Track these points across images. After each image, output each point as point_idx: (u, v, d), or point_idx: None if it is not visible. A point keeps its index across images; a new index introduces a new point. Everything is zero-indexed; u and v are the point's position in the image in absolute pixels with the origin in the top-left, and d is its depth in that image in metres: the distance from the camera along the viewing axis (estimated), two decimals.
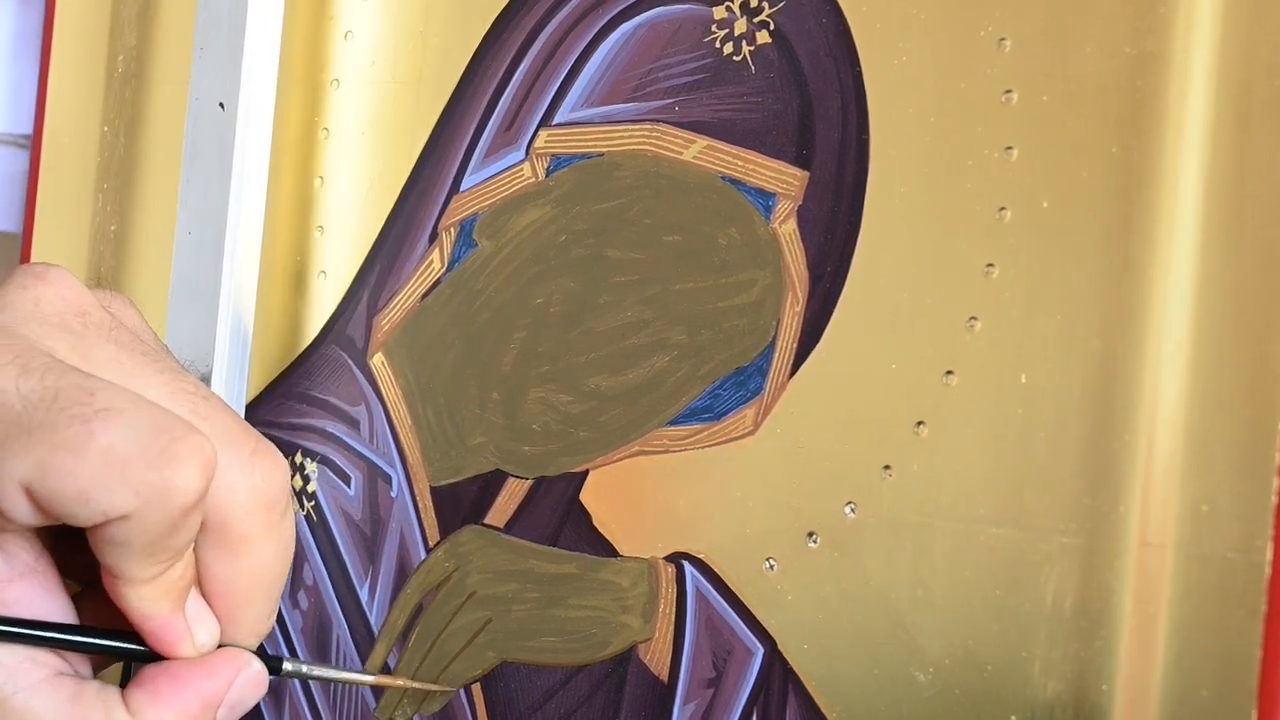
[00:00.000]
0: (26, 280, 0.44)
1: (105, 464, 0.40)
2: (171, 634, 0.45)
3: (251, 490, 0.44)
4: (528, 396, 0.55)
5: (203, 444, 0.41)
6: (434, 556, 0.58)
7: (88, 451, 0.40)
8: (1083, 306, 0.44)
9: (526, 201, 0.57)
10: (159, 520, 0.41)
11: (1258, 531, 0.41)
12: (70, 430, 0.40)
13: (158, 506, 0.41)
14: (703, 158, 0.52)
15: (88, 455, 0.40)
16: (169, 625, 0.44)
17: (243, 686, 0.46)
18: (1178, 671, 0.42)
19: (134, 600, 0.43)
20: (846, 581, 0.48)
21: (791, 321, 0.50)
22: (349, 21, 0.62)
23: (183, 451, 0.41)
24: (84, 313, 0.44)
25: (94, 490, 0.40)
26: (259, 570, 0.45)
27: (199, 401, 0.44)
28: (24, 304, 0.44)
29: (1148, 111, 0.44)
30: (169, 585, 0.44)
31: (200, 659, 0.45)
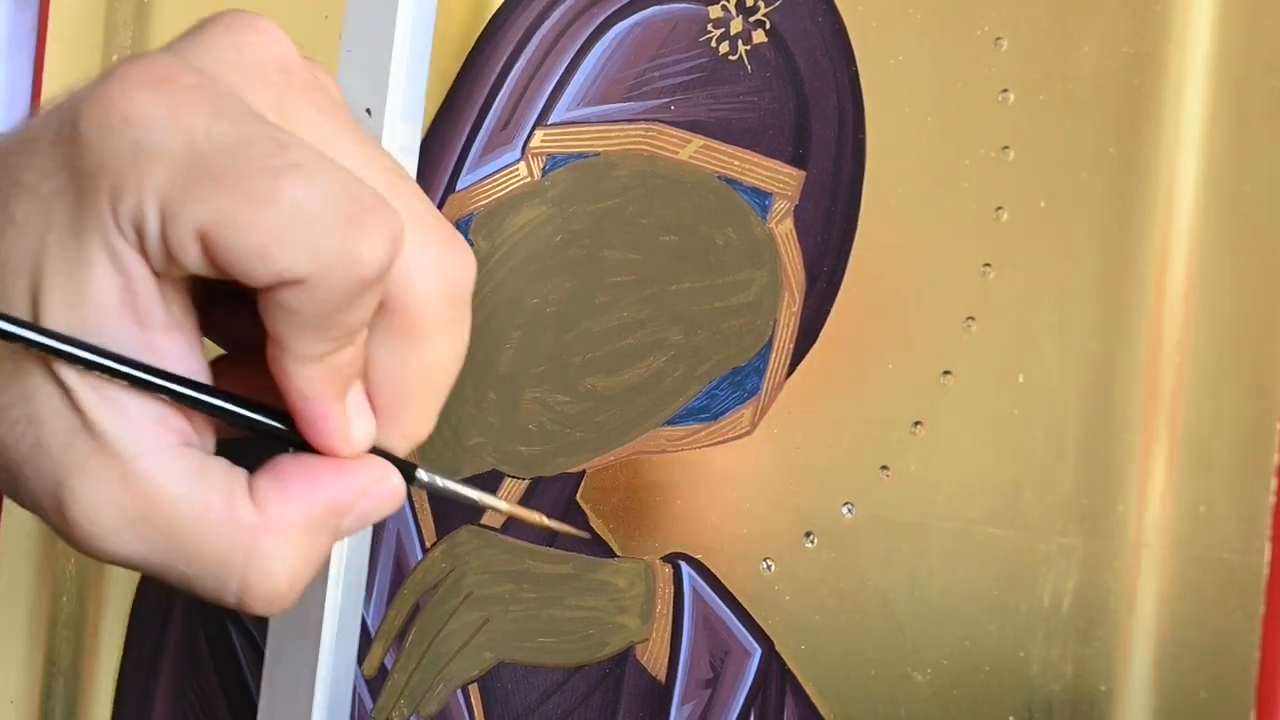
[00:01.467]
0: (233, 25, 0.41)
1: (289, 221, 0.38)
2: (329, 422, 0.42)
3: (441, 279, 0.41)
4: (524, 397, 0.55)
5: (392, 217, 0.39)
6: (431, 557, 0.57)
7: (273, 205, 0.37)
8: (1080, 306, 0.44)
9: (522, 201, 0.57)
10: (336, 289, 0.38)
11: (1256, 532, 0.41)
12: (258, 182, 0.38)
13: (337, 274, 0.38)
14: (699, 157, 0.52)
15: (272, 209, 0.37)
16: (328, 413, 0.42)
17: (376, 498, 0.43)
18: (1176, 672, 0.42)
19: (297, 378, 0.41)
20: (844, 582, 0.48)
21: (788, 321, 0.50)
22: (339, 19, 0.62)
23: (371, 221, 0.38)
24: (288, 69, 0.42)
25: (273, 247, 0.38)
26: (432, 367, 0.42)
27: (396, 179, 0.42)
28: (227, 50, 0.41)
29: (1145, 111, 0.44)
30: (336, 369, 0.41)
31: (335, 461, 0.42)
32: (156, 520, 0.41)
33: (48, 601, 0.71)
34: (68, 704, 0.70)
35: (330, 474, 0.42)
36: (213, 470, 0.41)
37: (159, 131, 0.38)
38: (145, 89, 0.39)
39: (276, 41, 0.42)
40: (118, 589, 0.68)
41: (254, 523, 0.41)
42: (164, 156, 0.38)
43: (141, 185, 0.38)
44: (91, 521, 0.41)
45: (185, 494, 0.41)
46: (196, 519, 0.41)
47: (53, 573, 0.70)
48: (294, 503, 0.42)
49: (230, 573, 0.41)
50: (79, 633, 0.70)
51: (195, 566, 0.41)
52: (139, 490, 0.41)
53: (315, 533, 0.42)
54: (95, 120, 0.39)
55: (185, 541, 0.41)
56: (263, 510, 0.41)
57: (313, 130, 0.41)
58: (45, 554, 0.71)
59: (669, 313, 0.52)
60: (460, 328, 0.43)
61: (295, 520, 0.42)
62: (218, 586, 0.42)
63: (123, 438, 0.40)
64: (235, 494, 0.41)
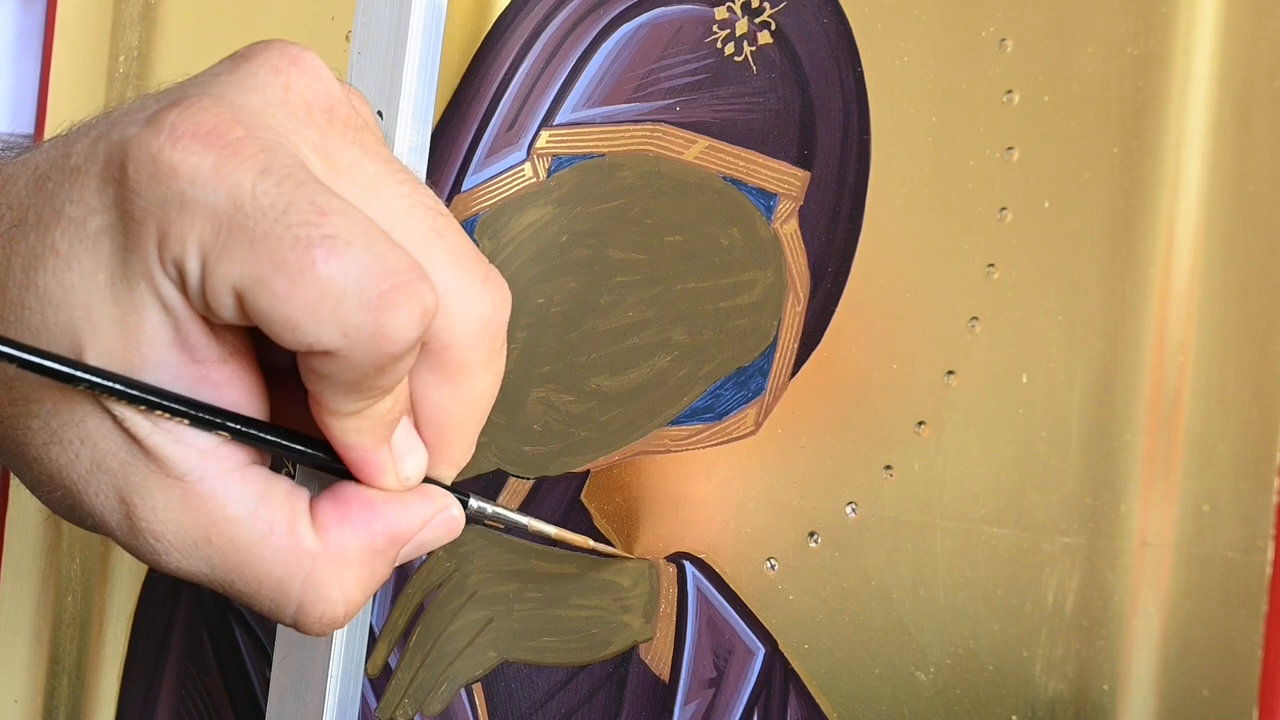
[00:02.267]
0: (280, 63, 0.42)
1: (319, 296, 0.38)
2: (374, 466, 0.42)
3: (480, 318, 0.42)
4: (529, 396, 0.56)
5: (425, 292, 0.39)
6: (435, 556, 0.58)
7: (305, 279, 0.38)
8: (1084, 306, 0.44)
9: (528, 202, 0.57)
10: (365, 363, 0.39)
11: (1259, 531, 0.41)
12: (293, 253, 0.38)
13: (365, 350, 0.39)
14: (704, 158, 0.52)
15: (303, 283, 0.38)
16: (371, 456, 0.42)
17: (436, 529, 0.44)
18: (1179, 671, 0.42)
19: (336, 430, 0.41)
20: (848, 581, 0.48)
21: (793, 322, 0.50)
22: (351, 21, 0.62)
23: (401, 299, 0.38)
24: (331, 109, 0.42)
25: (302, 321, 0.38)
26: (475, 400, 0.43)
27: (437, 218, 0.42)
28: (274, 89, 0.41)
29: (1149, 112, 0.44)
30: (374, 420, 0.41)
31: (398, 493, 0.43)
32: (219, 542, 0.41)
33: (52, 601, 0.71)
34: (72, 703, 0.70)
35: (390, 505, 0.43)
36: (276, 492, 0.42)
37: (205, 186, 0.39)
38: (195, 140, 0.39)
39: (320, 78, 0.42)
40: (122, 589, 0.69)
41: (315, 550, 0.42)
42: (208, 211, 0.39)
43: (185, 236, 0.39)
44: (157, 538, 0.41)
45: (248, 517, 0.41)
46: (259, 542, 0.41)
47: (57, 572, 0.70)
48: (355, 532, 0.42)
49: (289, 597, 0.42)
50: (83, 632, 0.70)
51: (254, 588, 0.42)
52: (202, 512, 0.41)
53: (374, 561, 0.43)
54: (144, 167, 0.39)
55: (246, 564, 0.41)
56: (324, 537, 0.42)
57: (355, 174, 0.41)
58: (50, 554, 0.71)
59: (674, 313, 0.52)
60: (499, 359, 0.43)
61: (355, 549, 0.42)
62: (275, 608, 0.42)
63: (183, 462, 0.41)
64: (297, 518, 0.42)
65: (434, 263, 0.41)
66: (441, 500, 0.44)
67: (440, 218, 0.42)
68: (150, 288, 0.40)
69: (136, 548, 0.42)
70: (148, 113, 0.40)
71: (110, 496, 0.41)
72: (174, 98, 0.40)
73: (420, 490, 0.44)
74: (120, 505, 0.41)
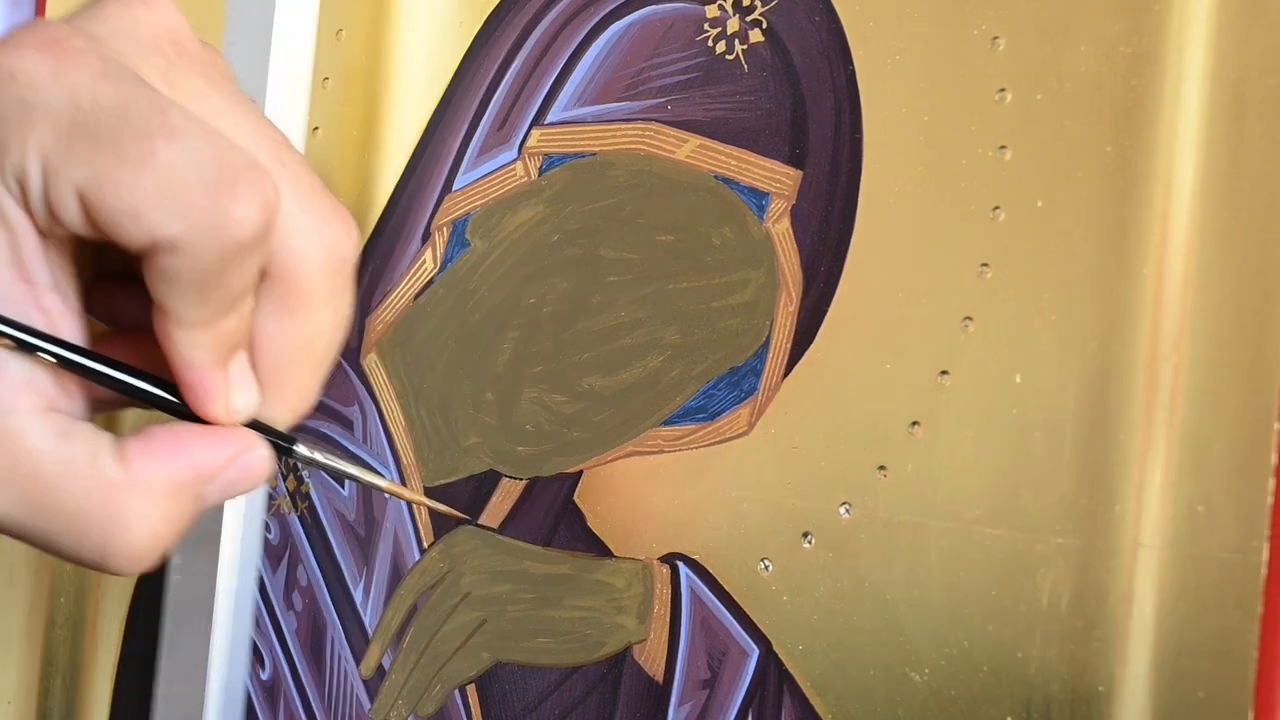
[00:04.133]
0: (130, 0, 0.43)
1: (161, 183, 0.38)
2: (210, 389, 0.43)
3: (323, 247, 0.42)
4: (521, 397, 0.55)
5: (265, 182, 0.39)
6: (428, 557, 0.57)
7: (146, 166, 0.38)
8: (1078, 306, 0.44)
9: (519, 201, 0.56)
10: (210, 253, 0.39)
11: (1254, 532, 0.41)
12: (133, 143, 0.38)
13: (209, 237, 0.39)
14: (696, 157, 0.52)
15: (145, 171, 0.38)
16: (208, 378, 0.42)
17: (241, 468, 0.43)
18: (1174, 672, 0.42)
19: (180, 343, 0.41)
20: (842, 582, 0.48)
21: (785, 321, 0.50)
22: (340, 19, 0.62)
23: (243, 185, 0.39)
24: (179, 42, 0.43)
25: (145, 209, 0.38)
26: (313, 334, 0.43)
27: (283, 150, 0.42)
28: (121, 21, 0.42)
29: (1142, 111, 0.44)
30: (219, 335, 0.42)
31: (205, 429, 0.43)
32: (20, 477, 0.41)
33: (45, 601, 0.71)
34: (65, 703, 0.70)
35: (198, 440, 0.43)
36: (79, 431, 0.42)
37: (44, 90, 0.39)
38: (35, 49, 0.39)
39: (168, 14, 0.43)
40: (115, 590, 0.68)
41: (116, 479, 0.42)
42: (48, 115, 0.39)
43: (25, 141, 0.39)
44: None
45: (49, 450, 0.41)
46: (59, 474, 0.41)
47: (50, 573, 0.70)
48: (159, 464, 0.42)
49: (91, 527, 0.42)
50: (76, 633, 0.70)
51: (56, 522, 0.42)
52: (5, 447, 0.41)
53: (178, 496, 0.42)
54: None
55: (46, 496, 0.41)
56: (127, 469, 0.42)
57: (201, 101, 0.42)
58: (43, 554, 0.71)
59: (666, 312, 0.52)
60: (342, 297, 0.43)
61: (158, 480, 0.42)
62: (75, 543, 0.42)
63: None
64: (100, 452, 0.42)
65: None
66: (249, 440, 0.44)
67: (286, 149, 0.42)
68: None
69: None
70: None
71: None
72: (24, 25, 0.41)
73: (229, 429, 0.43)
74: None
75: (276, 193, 0.40)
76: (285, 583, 0.61)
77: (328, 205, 0.43)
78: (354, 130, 0.62)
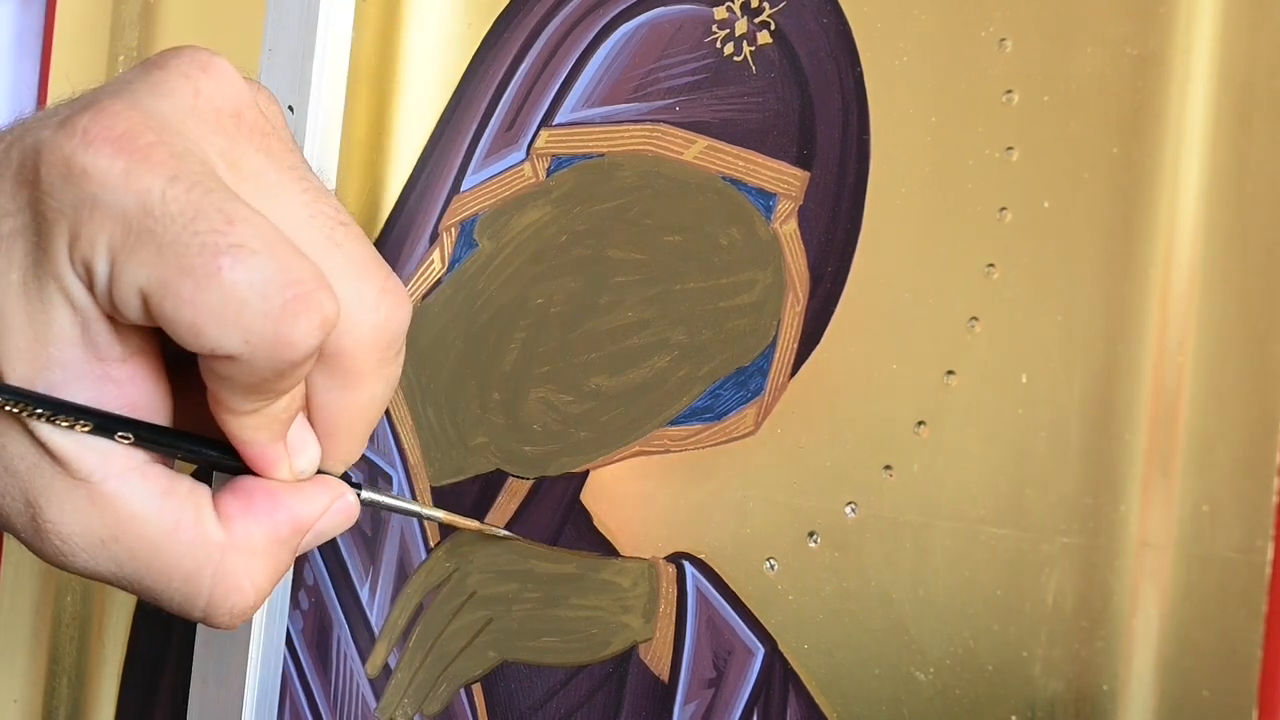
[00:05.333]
0: (190, 69, 0.43)
1: (223, 303, 0.39)
2: (269, 461, 0.44)
3: (374, 326, 0.43)
4: (528, 397, 0.55)
5: (325, 302, 0.40)
6: (434, 556, 0.58)
7: (210, 285, 0.39)
8: (1084, 306, 0.44)
9: (527, 202, 0.57)
10: (265, 368, 0.40)
11: (1259, 531, 0.41)
12: (199, 259, 0.39)
13: (266, 356, 0.40)
14: (703, 158, 0.52)
15: (208, 289, 0.39)
16: (265, 454, 0.44)
17: (334, 516, 0.45)
18: (1179, 672, 0.42)
19: (234, 427, 0.43)
20: (847, 581, 0.48)
21: (792, 321, 0.50)
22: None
23: (303, 309, 0.40)
24: (239, 114, 0.43)
25: (206, 326, 0.39)
26: (366, 405, 0.45)
27: (337, 228, 0.43)
28: (185, 95, 0.42)
29: (1149, 112, 0.44)
30: (271, 418, 0.43)
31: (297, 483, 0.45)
32: (127, 540, 0.42)
33: (52, 601, 0.71)
34: (72, 703, 0.70)
35: (291, 494, 0.45)
36: (179, 489, 0.43)
37: (116, 190, 0.40)
38: (107, 144, 0.40)
39: (230, 83, 0.44)
40: None
41: (221, 541, 0.43)
42: (118, 214, 0.40)
43: (95, 237, 0.40)
44: (63, 540, 0.42)
45: (154, 514, 0.42)
46: (166, 537, 0.43)
47: (57, 572, 0.70)
48: (259, 522, 0.44)
49: (199, 590, 0.43)
50: (83, 632, 0.70)
51: (164, 583, 0.43)
52: (108, 512, 0.42)
53: (279, 550, 0.44)
54: (57, 169, 0.40)
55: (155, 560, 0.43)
56: (229, 528, 0.43)
57: (260, 180, 0.43)
58: None
59: (673, 313, 0.52)
60: (392, 367, 0.45)
61: (260, 538, 0.44)
62: (185, 602, 0.43)
63: (86, 463, 0.42)
64: (203, 511, 0.43)
65: (330, 272, 0.42)
66: (338, 488, 0.46)
67: (340, 227, 0.44)
68: (59, 287, 0.41)
69: (43, 549, 0.43)
70: (60, 117, 0.41)
71: (17, 499, 0.42)
72: (87, 102, 0.41)
73: (317, 479, 0.45)
74: (27, 508, 0.42)
75: (336, 307, 0.41)
76: (291, 582, 0.61)
77: (379, 283, 0.44)
78: (362, 131, 0.62)
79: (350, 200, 0.62)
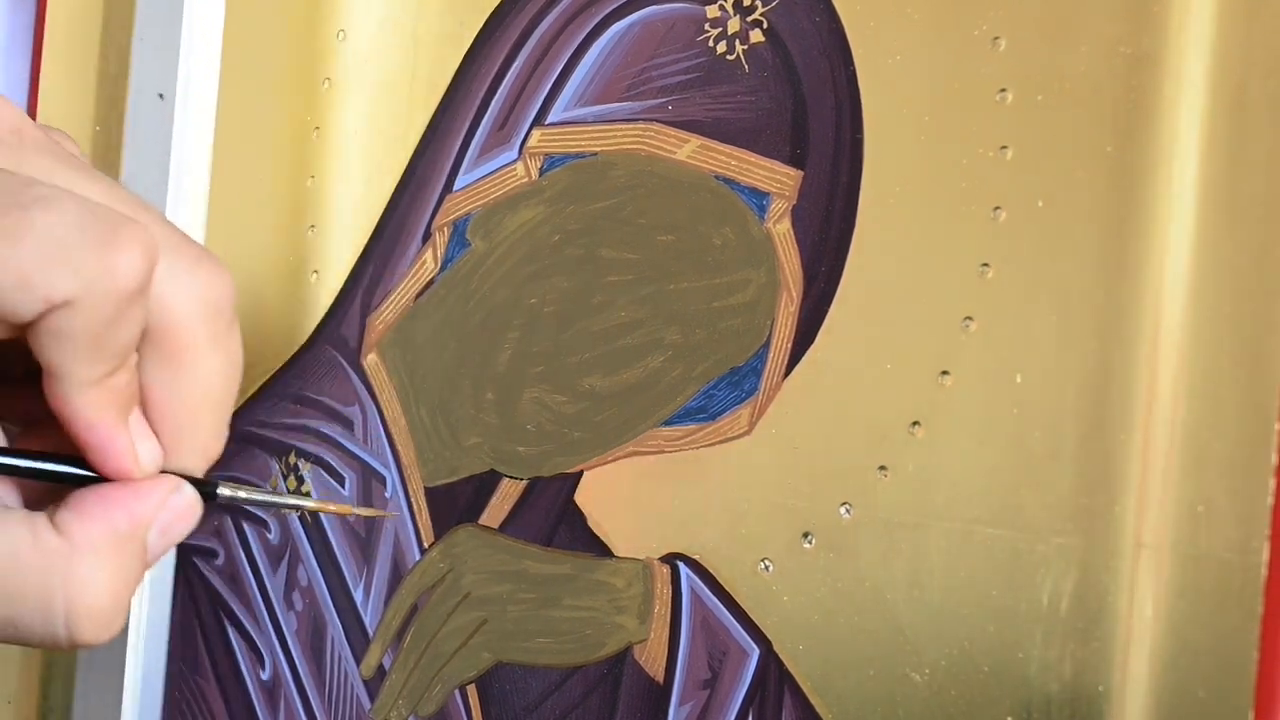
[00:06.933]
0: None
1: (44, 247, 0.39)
2: (116, 445, 0.43)
3: (195, 297, 0.43)
4: (522, 397, 0.55)
5: (143, 230, 0.41)
6: (429, 557, 0.57)
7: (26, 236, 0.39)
8: (1078, 306, 0.44)
9: (520, 201, 0.56)
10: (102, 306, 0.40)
11: (1254, 532, 0.41)
12: (7, 218, 0.39)
13: (100, 290, 0.40)
14: (697, 157, 0.52)
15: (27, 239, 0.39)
16: (113, 437, 0.43)
17: (174, 510, 0.45)
18: (1174, 672, 0.42)
19: (78, 406, 0.42)
20: (842, 582, 0.48)
21: (786, 321, 0.50)
22: (342, 21, 0.62)
23: (124, 236, 0.40)
24: (19, 130, 0.44)
25: (34, 274, 0.39)
26: (204, 384, 0.44)
27: (139, 209, 0.43)
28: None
29: (1143, 111, 0.44)
30: (114, 392, 0.43)
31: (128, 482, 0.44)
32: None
33: None
34: (65, 704, 0.70)
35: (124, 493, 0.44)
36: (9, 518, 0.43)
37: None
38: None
39: (5, 107, 0.44)
40: None
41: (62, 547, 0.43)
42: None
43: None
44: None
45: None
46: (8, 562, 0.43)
47: None
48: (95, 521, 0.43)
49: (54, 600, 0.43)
50: None
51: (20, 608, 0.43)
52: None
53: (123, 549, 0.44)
54: None
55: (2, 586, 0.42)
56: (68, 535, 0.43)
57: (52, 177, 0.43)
58: None
59: (667, 312, 0.52)
60: (225, 341, 0.45)
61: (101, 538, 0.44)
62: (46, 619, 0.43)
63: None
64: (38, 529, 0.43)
65: None
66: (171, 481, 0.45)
67: (141, 209, 0.43)
68: None
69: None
70: None
71: None
72: None
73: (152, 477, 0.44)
74: None
75: (154, 237, 0.41)
76: (285, 583, 0.61)
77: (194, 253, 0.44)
78: (354, 131, 0.62)
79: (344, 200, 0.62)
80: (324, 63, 0.62)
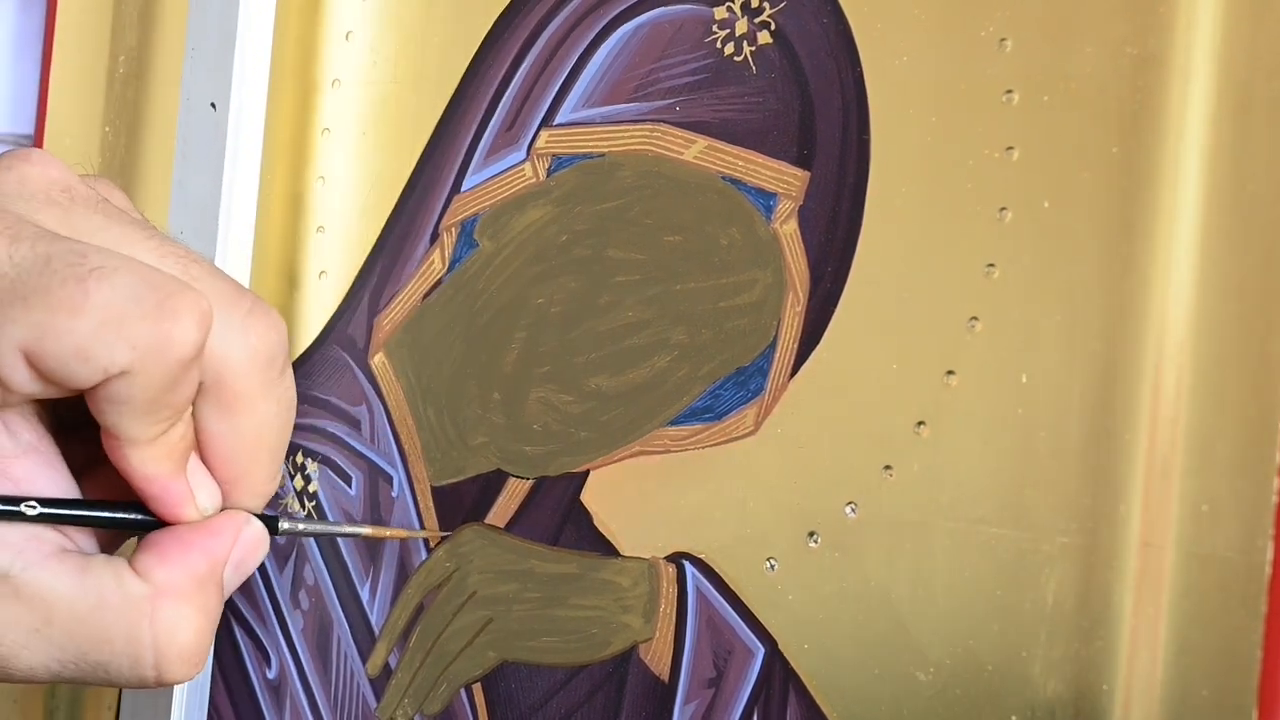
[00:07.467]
0: (11, 162, 0.44)
1: (102, 320, 0.40)
2: (175, 495, 0.45)
3: (247, 348, 0.44)
4: (529, 396, 0.56)
5: (198, 298, 0.41)
6: (435, 556, 0.58)
7: (84, 309, 0.40)
8: (1083, 306, 0.44)
9: (527, 202, 0.57)
10: (158, 374, 0.41)
11: (1259, 531, 0.41)
12: (65, 290, 0.40)
13: (156, 359, 0.41)
14: (704, 158, 0.52)
15: (84, 312, 0.40)
16: (172, 487, 0.45)
17: (246, 545, 0.46)
18: (1178, 671, 0.42)
19: (136, 463, 0.44)
20: (847, 581, 0.48)
21: (792, 321, 0.50)
22: (349, 21, 0.62)
23: (178, 305, 0.41)
24: (69, 189, 0.45)
25: (93, 346, 0.40)
26: (259, 429, 0.45)
27: (190, 265, 0.44)
28: (9, 183, 0.44)
29: (1149, 112, 0.44)
30: (170, 446, 0.44)
31: (201, 522, 0.45)
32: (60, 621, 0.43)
33: None
34: (71, 704, 0.70)
35: (198, 534, 0.46)
36: (95, 563, 0.45)
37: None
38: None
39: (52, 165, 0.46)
40: None
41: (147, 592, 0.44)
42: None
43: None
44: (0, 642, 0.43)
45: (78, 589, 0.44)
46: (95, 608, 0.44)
47: None
48: (176, 566, 0.45)
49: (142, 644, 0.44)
50: None
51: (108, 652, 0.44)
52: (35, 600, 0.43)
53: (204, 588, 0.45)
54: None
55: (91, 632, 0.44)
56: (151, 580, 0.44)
57: (103, 236, 0.44)
58: None
59: (673, 313, 0.52)
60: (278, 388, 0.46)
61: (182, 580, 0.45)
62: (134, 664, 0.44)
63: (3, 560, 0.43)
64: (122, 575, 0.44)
65: None
66: (239, 517, 0.47)
67: (193, 264, 0.45)
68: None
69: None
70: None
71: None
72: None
73: (222, 514, 0.46)
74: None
75: (209, 303, 0.42)
76: (291, 582, 0.61)
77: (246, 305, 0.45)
78: (362, 132, 0.62)
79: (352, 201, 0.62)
80: (332, 63, 0.63)
